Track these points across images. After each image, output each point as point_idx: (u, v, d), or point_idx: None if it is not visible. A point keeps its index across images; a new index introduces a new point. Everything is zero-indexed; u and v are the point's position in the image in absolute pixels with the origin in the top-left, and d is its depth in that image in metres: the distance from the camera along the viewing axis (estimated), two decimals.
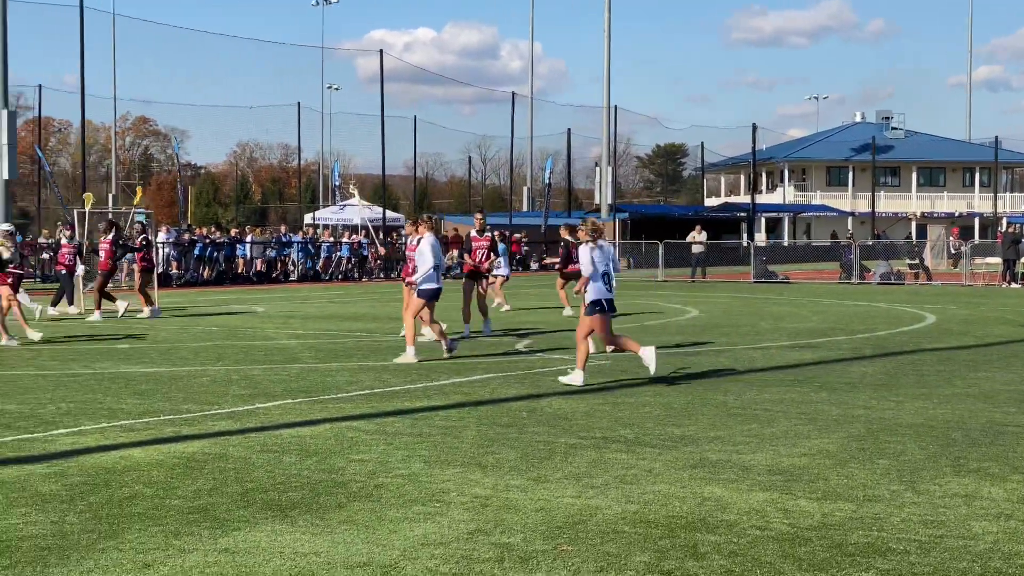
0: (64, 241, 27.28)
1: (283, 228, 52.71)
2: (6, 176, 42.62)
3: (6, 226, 20.51)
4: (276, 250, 46.65)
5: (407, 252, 17.36)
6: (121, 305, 23.61)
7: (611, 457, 8.79)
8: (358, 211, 51.16)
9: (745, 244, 58.95)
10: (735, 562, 5.99)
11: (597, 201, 74.87)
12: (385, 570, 5.83)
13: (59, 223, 45.40)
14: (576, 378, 12.99)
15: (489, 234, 19.91)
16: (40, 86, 53.20)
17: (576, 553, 6.14)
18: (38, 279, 42.63)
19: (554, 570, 5.84)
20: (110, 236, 24.11)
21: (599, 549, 6.22)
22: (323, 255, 48.18)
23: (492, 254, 19.69)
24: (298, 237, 49.74)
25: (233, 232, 47.73)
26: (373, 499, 7.36)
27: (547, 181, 66.52)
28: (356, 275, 47.83)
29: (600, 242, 13.21)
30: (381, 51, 57.40)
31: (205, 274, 42.30)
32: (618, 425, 10.27)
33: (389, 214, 60.36)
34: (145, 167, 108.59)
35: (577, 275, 17.92)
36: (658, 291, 35.49)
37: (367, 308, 27.67)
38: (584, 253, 13.03)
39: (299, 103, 61.32)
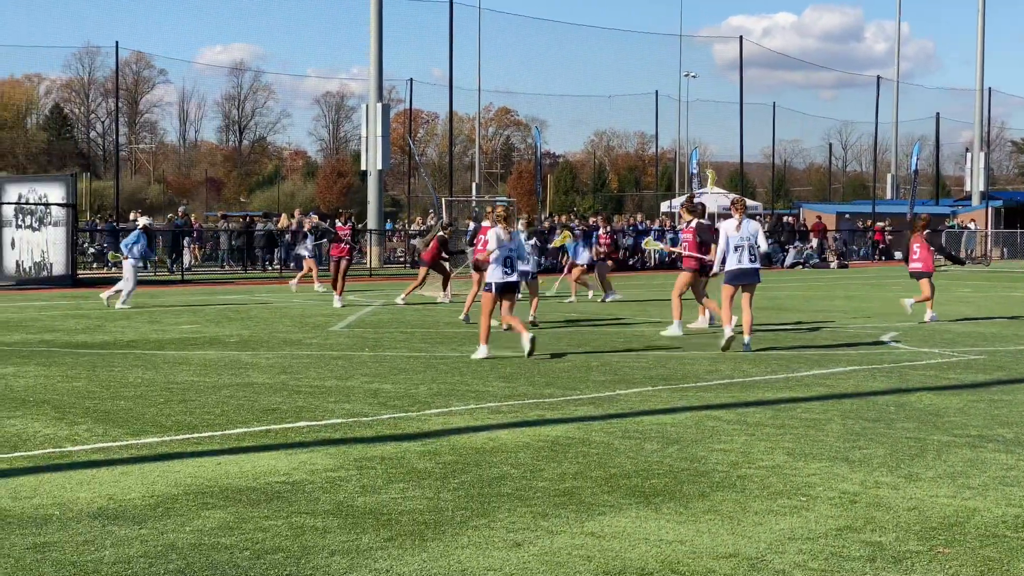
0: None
1: (639, 216, 53.16)
2: (380, 166, 45.09)
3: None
4: (632, 239, 47.07)
5: (681, 235, 18.87)
6: (439, 295, 24.92)
7: (989, 457, 8.36)
8: (714, 199, 50.93)
9: None
10: None
11: (967, 188, 71.49)
12: (752, 562, 5.77)
13: (430, 211, 47.51)
14: (480, 352, 14.23)
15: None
16: (411, 80, 55.94)
17: (953, 556, 5.88)
18: (407, 265, 44.81)
19: (930, 572, 5.62)
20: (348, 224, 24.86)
21: (978, 553, 5.93)
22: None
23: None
24: (655, 225, 50.02)
25: (591, 220, 48.54)
26: (736, 490, 7.30)
27: (914, 168, 64.00)
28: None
29: (511, 229, 14.55)
30: (740, 37, 56.97)
31: (563, 261, 43.18)
32: (996, 424, 9.76)
33: (747, 202, 59.77)
34: (506, 156, 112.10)
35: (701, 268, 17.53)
36: None
37: None
38: (491, 234, 14.42)
39: (656, 91, 61.71)
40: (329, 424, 9.65)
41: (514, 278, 14.49)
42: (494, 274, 14.37)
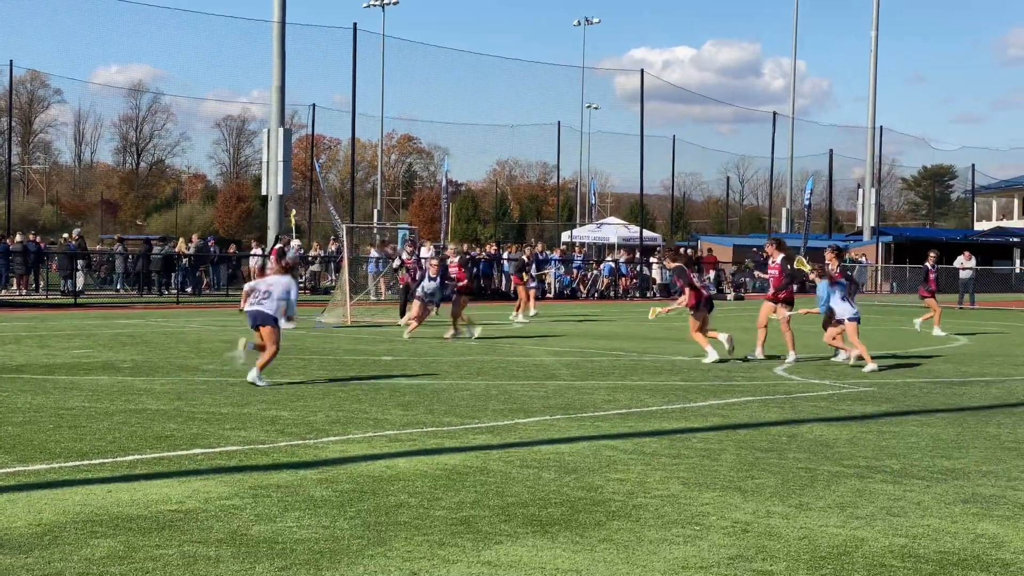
0: (405, 256, 28.38)
1: (540, 246, 53.33)
2: (281, 191, 44.67)
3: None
4: (535, 267, 47.25)
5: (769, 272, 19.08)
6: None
7: (876, 488, 8.53)
8: (615, 230, 51.41)
9: (1019, 271, 56.31)
10: None
11: (859, 223, 72.99)
12: None
13: (332, 238, 47.20)
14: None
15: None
16: (314, 105, 55.62)
17: None
18: (306, 291, 44.36)
19: None
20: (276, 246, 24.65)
21: None
22: (579, 272, 48.55)
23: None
24: (555, 255, 50.29)
25: (491, 249, 48.67)
26: (632, 519, 7.36)
27: (807, 202, 65.19)
28: (611, 294, 48.04)
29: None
30: (642, 70, 57.53)
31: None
32: (883, 455, 9.95)
33: (645, 233, 60.33)
34: (408, 184, 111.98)
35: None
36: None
37: (622, 327, 27.74)
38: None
39: (559, 122, 62.13)
40: (224, 451, 9.53)
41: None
42: None
